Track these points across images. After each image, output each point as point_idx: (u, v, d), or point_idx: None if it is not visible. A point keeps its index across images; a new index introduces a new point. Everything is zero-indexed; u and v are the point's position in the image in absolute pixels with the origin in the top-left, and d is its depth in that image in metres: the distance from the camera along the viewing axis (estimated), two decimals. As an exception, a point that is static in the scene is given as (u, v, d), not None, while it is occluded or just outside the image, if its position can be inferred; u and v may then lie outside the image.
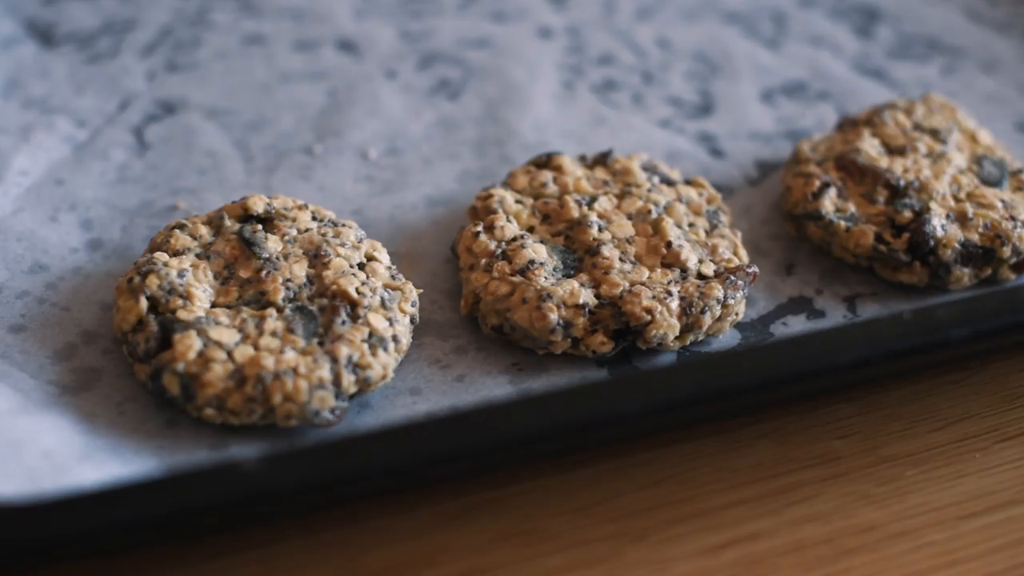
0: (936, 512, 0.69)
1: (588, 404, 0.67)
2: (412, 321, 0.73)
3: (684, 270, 0.74)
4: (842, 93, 0.91)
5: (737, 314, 0.74)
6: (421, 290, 0.75)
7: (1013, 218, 0.77)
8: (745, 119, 0.89)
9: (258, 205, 0.76)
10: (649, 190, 0.78)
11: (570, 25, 0.96)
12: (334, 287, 0.72)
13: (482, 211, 0.77)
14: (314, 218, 0.76)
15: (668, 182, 0.79)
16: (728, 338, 0.75)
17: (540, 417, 0.66)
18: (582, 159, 0.80)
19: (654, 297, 0.72)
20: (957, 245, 0.76)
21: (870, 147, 0.80)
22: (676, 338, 0.73)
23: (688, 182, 0.80)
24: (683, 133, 0.87)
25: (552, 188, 0.78)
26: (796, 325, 0.76)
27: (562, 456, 0.70)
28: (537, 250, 0.74)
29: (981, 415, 0.74)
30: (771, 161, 0.85)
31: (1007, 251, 0.76)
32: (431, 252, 0.78)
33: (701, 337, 0.73)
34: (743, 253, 0.76)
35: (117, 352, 0.72)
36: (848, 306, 0.77)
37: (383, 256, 0.75)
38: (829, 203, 0.78)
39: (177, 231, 0.74)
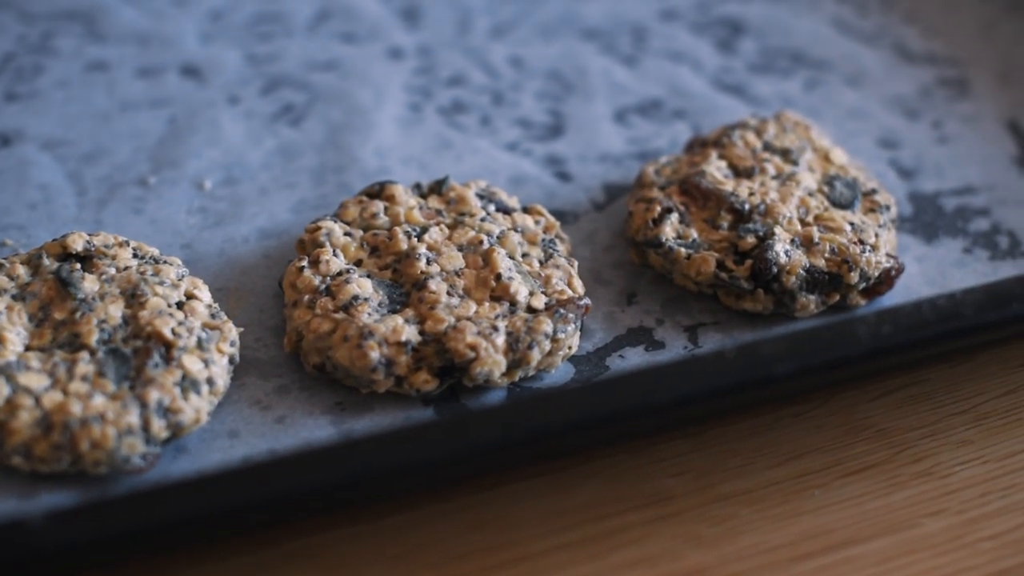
0: (769, 553, 0.67)
1: (408, 446, 0.65)
2: (231, 361, 0.70)
3: (513, 303, 0.71)
4: (699, 111, 0.88)
5: (570, 347, 0.71)
6: (242, 329, 0.72)
7: (862, 242, 0.74)
8: (595, 140, 0.86)
9: (77, 243, 0.73)
10: (483, 219, 0.75)
11: (422, 45, 0.93)
12: (149, 328, 0.69)
13: (309, 244, 0.74)
14: (135, 255, 0.73)
15: (505, 210, 0.76)
16: (561, 372, 0.72)
17: (358, 461, 0.64)
18: (417, 187, 0.77)
19: (479, 333, 0.69)
20: (801, 271, 0.73)
21: (716, 169, 0.78)
22: (504, 374, 0.70)
23: (526, 209, 0.77)
24: (530, 156, 0.85)
25: (383, 219, 0.75)
26: (634, 358, 0.73)
27: (381, 500, 0.68)
28: (362, 285, 0.71)
29: (823, 449, 0.71)
30: (620, 184, 0.83)
31: (854, 277, 0.74)
32: (259, 287, 0.76)
33: (531, 372, 0.71)
34: (578, 284, 0.73)
35: (-66, 398, 0.69)
36: (689, 336, 0.74)
37: (204, 294, 0.72)
38: (670, 229, 0.75)
39: (-6, 271, 0.72)
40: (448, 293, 0.71)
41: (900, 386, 0.74)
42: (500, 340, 0.70)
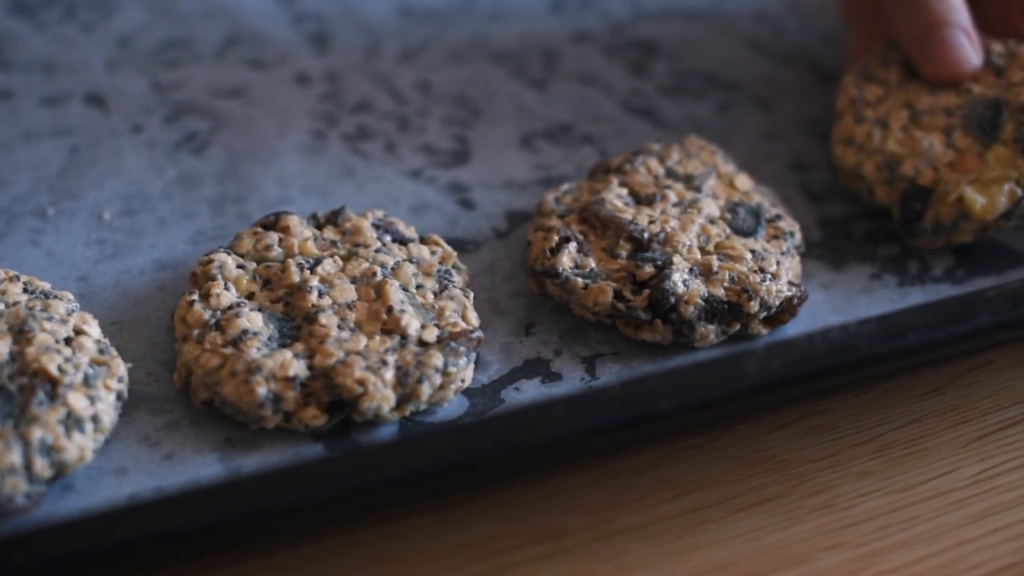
0: (660, 590, 0.66)
1: (295, 483, 0.64)
2: (119, 398, 0.69)
3: (404, 337, 0.70)
4: (607, 135, 0.87)
5: (463, 380, 0.70)
6: (131, 364, 0.71)
7: (762, 270, 0.73)
8: (501, 166, 0.85)
9: (-33, 278, 0.72)
10: (377, 251, 0.74)
11: (330, 70, 0.92)
12: (35, 365, 0.68)
13: (201, 277, 0.73)
14: (25, 290, 0.72)
15: (401, 240, 0.75)
16: (455, 406, 0.71)
17: (246, 499, 0.64)
18: (313, 218, 0.76)
19: (368, 367, 0.68)
20: (700, 301, 0.72)
21: (616, 197, 0.77)
22: (394, 409, 0.69)
23: (423, 239, 0.76)
24: (433, 183, 0.84)
25: (277, 251, 0.74)
26: (529, 390, 0.72)
27: (269, 538, 0.67)
28: (252, 319, 0.70)
29: (720, 482, 0.70)
30: (523, 212, 0.81)
31: (754, 306, 0.72)
32: (153, 320, 0.75)
33: (423, 407, 0.69)
34: (472, 316, 0.72)
35: None
36: (587, 368, 0.73)
37: (93, 329, 0.71)
38: (568, 259, 0.74)
39: None
40: (339, 326, 0.70)
41: (801, 416, 0.73)
42: (389, 374, 0.68)
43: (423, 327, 0.71)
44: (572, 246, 0.74)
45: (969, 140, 0.79)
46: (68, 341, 0.70)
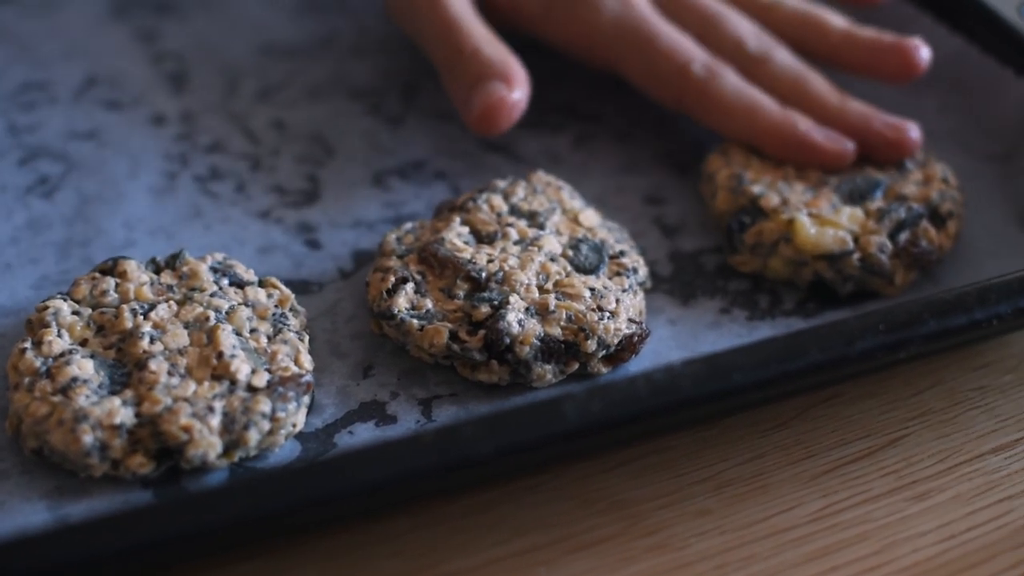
0: (485, 635, 0.65)
1: (119, 531, 0.64)
2: (-52, 449, 0.69)
3: (234, 382, 0.70)
4: (461, 171, 0.87)
5: (295, 425, 0.70)
6: (-39, 414, 0.71)
7: (601, 308, 0.73)
8: (351, 205, 0.84)
9: None
10: (213, 295, 0.74)
11: (186, 110, 0.91)
12: None
13: (36, 324, 0.73)
14: None
15: (239, 284, 0.75)
16: (287, 451, 0.71)
17: (68, 547, 0.63)
18: (152, 262, 0.76)
19: (194, 414, 0.68)
20: (536, 341, 0.72)
21: (457, 236, 0.76)
22: (222, 455, 0.68)
23: (262, 282, 0.75)
24: (281, 224, 0.83)
25: (113, 296, 0.74)
26: (363, 433, 0.72)
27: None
28: (83, 366, 0.70)
29: (553, 524, 0.69)
30: (370, 251, 0.81)
31: (592, 345, 0.72)
32: (-11, 369, 0.74)
33: (252, 452, 0.69)
34: (305, 360, 0.72)
35: None
36: (423, 410, 0.73)
37: (-80, 381, 0.71)
38: (404, 300, 0.73)
39: None
40: (169, 373, 0.70)
41: (641, 455, 0.72)
42: (215, 421, 0.68)
43: (253, 372, 0.70)
44: (409, 287, 0.74)
45: (833, 196, 0.79)
46: None
